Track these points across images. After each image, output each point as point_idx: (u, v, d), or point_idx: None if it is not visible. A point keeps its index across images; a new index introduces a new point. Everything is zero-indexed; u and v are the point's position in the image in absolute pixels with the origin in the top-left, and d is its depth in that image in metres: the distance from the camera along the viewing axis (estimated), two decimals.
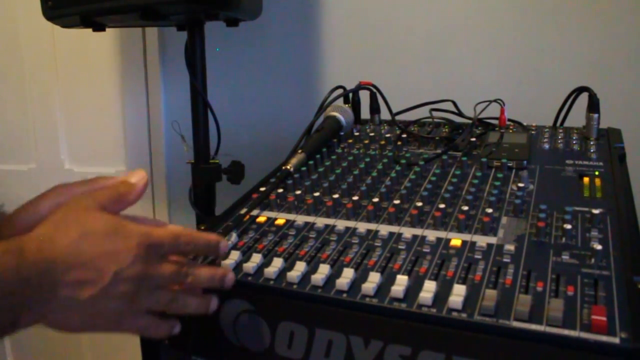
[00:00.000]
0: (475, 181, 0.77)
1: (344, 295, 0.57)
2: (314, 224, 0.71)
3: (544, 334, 0.48)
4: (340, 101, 1.06)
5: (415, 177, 0.80)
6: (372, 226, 0.69)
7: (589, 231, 0.63)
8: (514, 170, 0.81)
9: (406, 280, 0.56)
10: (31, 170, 1.82)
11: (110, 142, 1.74)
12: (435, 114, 1.04)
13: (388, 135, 1.00)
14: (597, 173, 0.77)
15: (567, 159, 0.83)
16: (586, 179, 0.76)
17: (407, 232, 0.66)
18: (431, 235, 0.65)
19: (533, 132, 0.98)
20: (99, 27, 1.16)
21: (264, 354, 0.61)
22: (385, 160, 0.87)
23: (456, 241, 0.63)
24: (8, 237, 0.51)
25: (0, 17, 1.71)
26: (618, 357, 0.46)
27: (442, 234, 0.65)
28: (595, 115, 0.92)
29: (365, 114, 1.13)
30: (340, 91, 1.06)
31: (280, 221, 0.72)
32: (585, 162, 0.82)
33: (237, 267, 0.63)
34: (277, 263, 0.62)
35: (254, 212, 0.75)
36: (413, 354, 0.53)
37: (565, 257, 0.58)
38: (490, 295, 0.52)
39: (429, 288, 0.55)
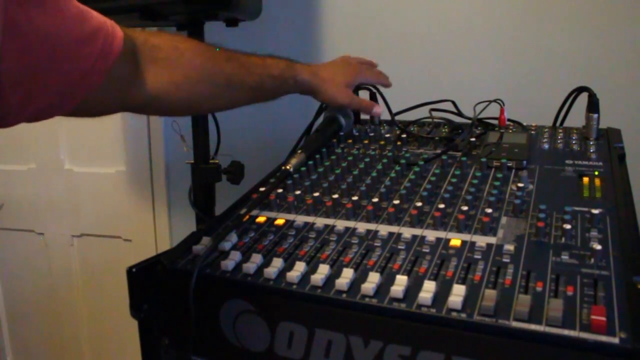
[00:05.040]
0: (475, 181, 0.77)
1: (344, 295, 0.57)
2: (313, 224, 0.71)
3: (543, 334, 0.48)
4: None
5: (414, 177, 0.80)
6: (372, 226, 0.69)
7: (589, 231, 0.63)
8: (513, 170, 0.81)
9: (406, 281, 0.56)
10: (31, 170, 1.82)
11: (110, 142, 1.74)
12: (435, 114, 1.04)
13: (388, 135, 1.01)
14: (596, 173, 0.77)
15: (567, 159, 0.83)
16: (586, 179, 0.76)
17: (407, 232, 0.66)
18: (431, 235, 0.65)
19: (533, 132, 0.98)
20: None
21: (263, 354, 0.61)
22: (384, 160, 0.87)
23: (456, 241, 0.63)
24: None
25: None
26: (617, 357, 0.46)
27: (441, 234, 0.65)
28: (595, 115, 0.92)
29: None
30: None
31: (280, 221, 0.72)
32: (585, 162, 0.82)
33: (237, 267, 0.63)
34: (277, 263, 0.62)
35: (254, 212, 0.75)
36: (413, 354, 0.53)
37: (565, 257, 0.58)
38: (489, 296, 0.52)
39: (429, 288, 0.55)
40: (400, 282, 0.56)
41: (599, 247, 0.58)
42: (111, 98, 0.63)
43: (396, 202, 0.72)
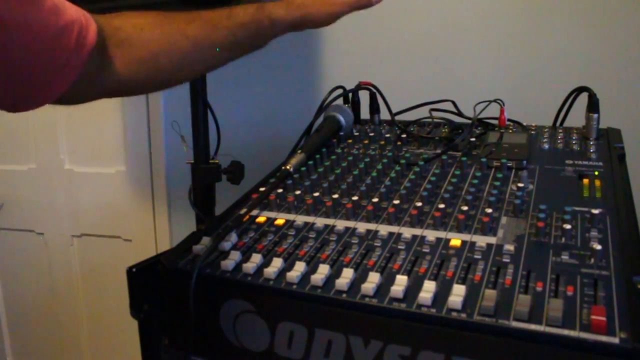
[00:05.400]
0: (475, 181, 0.77)
1: (344, 295, 0.57)
2: (313, 224, 0.71)
3: (543, 334, 0.48)
4: (340, 101, 1.06)
5: (414, 177, 0.80)
6: (372, 226, 0.69)
7: (589, 231, 0.63)
8: (513, 170, 0.81)
9: (406, 281, 0.56)
10: (31, 170, 1.82)
11: (110, 142, 1.74)
12: (435, 114, 1.04)
13: (388, 135, 1.00)
14: (596, 173, 0.77)
15: (567, 159, 0.83)
16: (586, 179, 0.76)
17: (407, 232, 0.66)
18: (431, 235, 0.65)
19: (533, 132, 0.98)
20: None
21: (263, 354, 0.61)
22: (385, 160, 0.87)
23: (456, 241, 0.63)
24: None
25: None
26: (618, 357, 0.46)
27: (441, 234, 0.65)
28: (595, 115, 0.92)
29: (365, 114, 1.13)
30: (340, 91, 1.06)
31: (280, 221, 0.72)
32: (585, 162, 0.82)
33: (237, 267, 0.63)
34: (277, 263, 0.62)
35: (254, 212, 0.75)
36: (413, 354, 0.53)
37: (565, 257, 0.58)
38: (489, 296, 0.52)
39: (429, 288, 0.55)
40: (400, 282, 0.56)
41: (599, 247, 0.58)
42: (85, 88, 0.63)
43: (396, 202, 0.72)
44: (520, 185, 0.75)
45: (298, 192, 0.77)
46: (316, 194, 0.76)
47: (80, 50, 0.58)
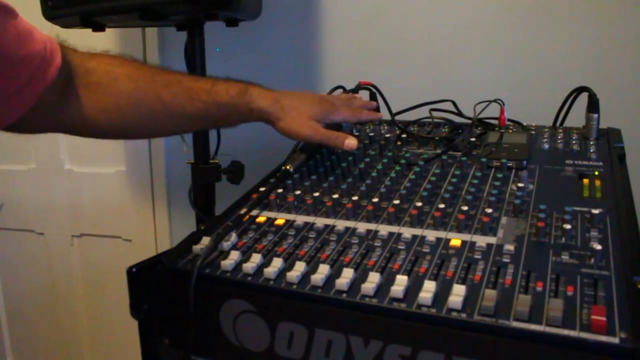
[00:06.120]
0: (475, 181, 0.77)
1: (344, 295, 0.57)
2: (313, 224, 0.71)
3: (543, 334, 0.48)
4: None
5: (415, 177, 0.80)
6: (372, 226, 0.69)
7: (589, 231, 0.63)
8: (513, 170, 0.81)
9: (406, 281, 0.56)
10: (31, 170, 1.82)
11: (110, 142, 1.73)
12: (435, 114, 1.04)
13: (388, 135, 1.00)
14: (596, 173, 0.77)
15: (567, 159, 0.83)
16: (586, 179, 0.76)
17: (407, 232, 0.66)
18: (431, 235, 0.65)
19: (533, 132, 0.98)
20: (98, 27, 1.16)
21: (263, 354, 0.61)
22: (385, 161, 0.87)
23: (456, 241, 0.63)
24: None
25: None
26: (618, 357, 0.46)
27: (441, 234, 0.65)
28: (595, 115, 0.92)
29: None
30: (340, 91, 1.06)
31: (280, 221, 0.72)
32: (585, 162, 0.82)
33: (237, 267, 0.63)
34: (277, 263, 0.62)
35: (254, 212, 0.75)
36: (413, 354, 0.53)
37: (565, 257, 0.58)
38: (489, 295, 0.52)
39: (429, 288, 0.55)
40: (400, 282, 0.56)
41: (599, 247, 0.58)
42: (40, 120, 0.63)
43: (396, 202, 0.72)
44: (520, 185, 0.75)
45: (298, 192, 0.77)
46: (316, 194, 0.76)
47: (37, 83, 0.58)
